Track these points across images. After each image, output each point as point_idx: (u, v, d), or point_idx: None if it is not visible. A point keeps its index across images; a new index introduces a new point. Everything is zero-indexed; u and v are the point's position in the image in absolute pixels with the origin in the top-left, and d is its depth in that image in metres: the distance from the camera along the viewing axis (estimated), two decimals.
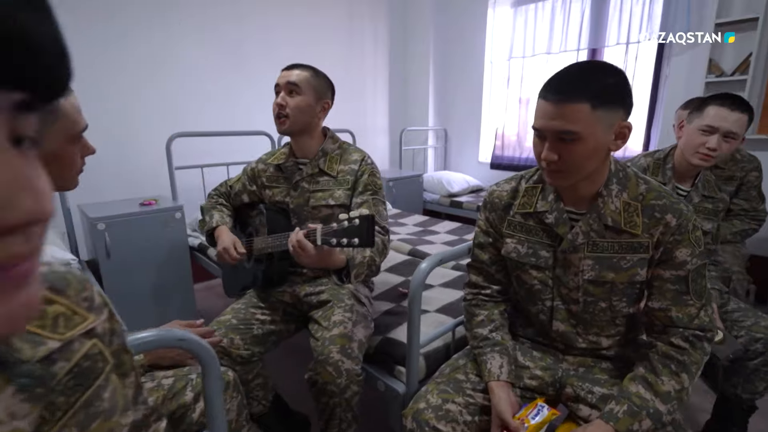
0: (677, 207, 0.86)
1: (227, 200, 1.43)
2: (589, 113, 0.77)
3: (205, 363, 0.66)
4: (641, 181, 0.90)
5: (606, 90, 0.78)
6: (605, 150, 0.83)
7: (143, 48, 2.41)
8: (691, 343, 0.86)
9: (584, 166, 0.83)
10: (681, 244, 0.85)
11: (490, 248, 1.03)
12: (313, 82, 1.24)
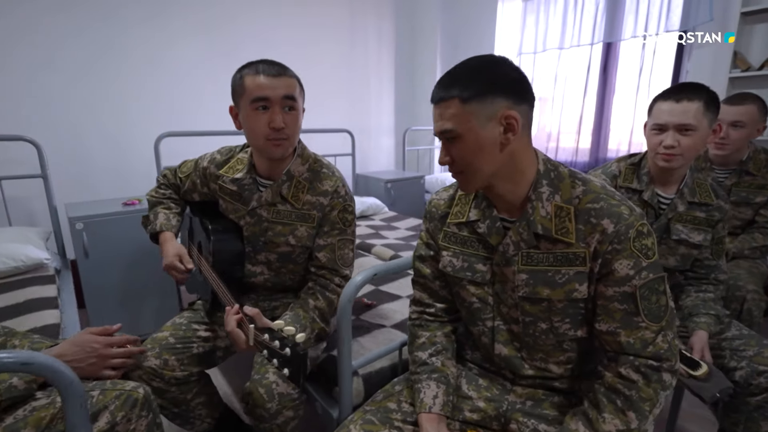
0: (616, 210, 0.73)
1: (177, 192, 1.29)
2: (460, 108, 0.71)
3: (61, 388, 0.60)
4: (578, 182, 0.78)
5: (473, 80, 0.70)
6: (495, 145, 0.73)
7: (137, 47, 2.41)
8: (644, 375, 0.73)
9: (477, 166, 0.74)
10: (620, 255, 0.72)
11: (431, 261, 0.93)
12: (301, 90, 1.07)
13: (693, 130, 1.11)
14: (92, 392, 0.83)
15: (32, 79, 2.15)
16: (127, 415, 0.83)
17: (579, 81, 3.06)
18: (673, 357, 0.74)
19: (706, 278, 1.28)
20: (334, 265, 1.10)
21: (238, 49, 2.79)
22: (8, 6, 2.05)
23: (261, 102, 0.99)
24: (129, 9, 2.36)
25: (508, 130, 0.73)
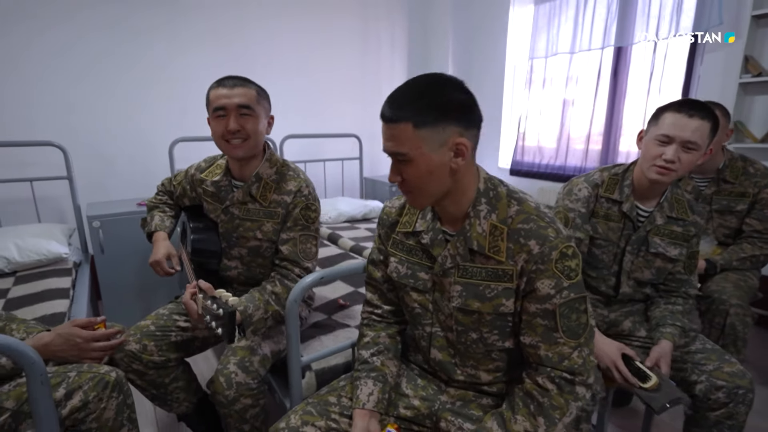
0: (543, 232, 0.77)
1: (171, 198, 1.43)
2: (413, 133, 0.73)
3: (24, 366, 0.71)
4: (514, 201, 0.82)
5: (429, 107, 0.73)
6: (445, 169, 0.77)
7: (152, 58, 2.59)
8: (558, 386, 0.77)
9: (426, 187, 0.78)
10: (543, 275, 0.76)
11: (382, 266, 0.99)
12: (260, 98, 1.18)
13: (696, 149, 1.10)
14: (69, 373, 0.94)
15: (61, 90, 2.36)
16: (98, 395, 0.95)
17: (590, 85, 3.01)
18: (585, 372, 0.77)
19: (677, 291, 1.27)
20: (295, 257, 1.19)
21: (249, 55, 2.92)
22: (45, 29, 2.26)
23: (220, 111, 1.13)
24: (143, 24, 2.53)
25: (458, 155, 0.76)
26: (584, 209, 1.25)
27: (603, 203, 1.26)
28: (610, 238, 1.26)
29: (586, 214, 1.26)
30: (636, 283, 1.29)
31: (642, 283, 1.29)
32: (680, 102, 1.13)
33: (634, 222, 1.23)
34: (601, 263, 1.29)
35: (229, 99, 1.12)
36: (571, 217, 1.25)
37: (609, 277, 1.30)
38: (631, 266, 1.26)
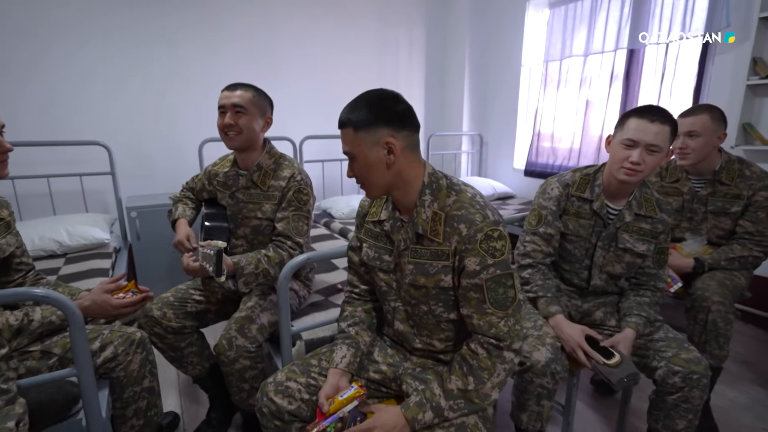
0: (471, 217, 0.90)
1: (193, 193, 1.64)
2: (354, 136, 0.91)
3: (67, 314, 0.91)
4: (453, 192, 0.96)
5: (365, 114, 0.89)
6: (380, 164, 0.92)
7: (186, 64, 2.85)
8: (487, 350, 0.90)
9: (370, 179, 0.94)
10: (470, 254, 0.89)
11: (358, 251, 1.14)
12: (255, 101, 1.38)
13: (659, 151, 1.19)
14: (104, 330, 1.16)
15: (104, 95, 2.65)
16: (126, 350, 1.16)
17: (603, 86, 3.04)
18: (509, 338, 0.90)
19: (646, 285, 1.35)
20: (288, 233, 1.38)
21: (273, 60, 3.14)
22: (88, 42, 2.56)
23: (221, 108, 1.37)
24: (176, 35, 2.79)
25: (390, 152, 0.92)
26: (555, 207, 1.36)
27: (574, 202, 1.36)
28: (581, 234, 1.35)
29: (556, 211, 1.36)
30: (608, 276, 1.38)
31: (614, 276, 1.38)
32: (642, 108, 1.22)
33: (605, 219, 1.32)
34: (574, 257, 1.39)
35: (227, 99, 1.36)
36: (544, 214, 1.36)
37: (581, 270, 1.39)
38: (603, 261, 1.35)
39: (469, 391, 0.89)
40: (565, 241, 1.38)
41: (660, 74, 2.71)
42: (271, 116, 1.47)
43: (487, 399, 0.91)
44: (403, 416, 0.90)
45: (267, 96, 1.45)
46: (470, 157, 4.10)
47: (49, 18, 2.43)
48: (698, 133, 1.61)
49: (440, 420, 0.90)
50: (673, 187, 1.82)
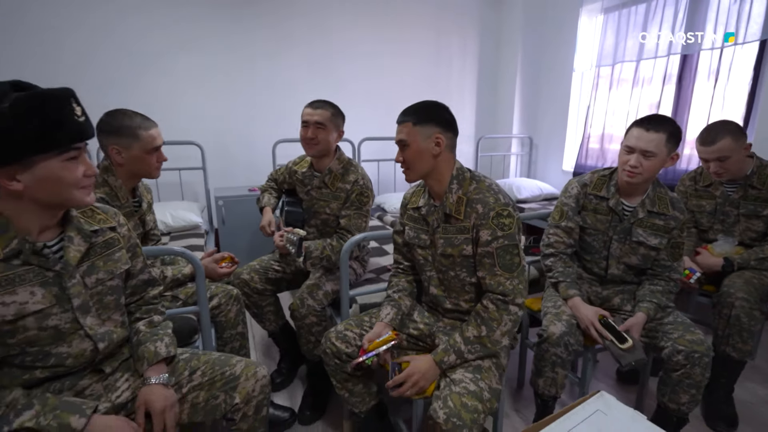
0: (486, 199, 1.17)
1: (276, 184, 2.00)
2: (411, 128, 1.19)
3: (196, 267, 1.28)
4: (474, 181, 1.23)
5: (422, 114, 1.18)
6: (428, 153, 1.19)
7: (261, 73, 3.29)
8: (495, 305, 1.16)
9: (417, 165, 1.21)
10: (484, 227, 1.16)
11: (402, 234, 1.42)
12: (332, 118, 1.68)
13: (654, 156, 1.37)
14: (211, 286, 1.54)
15: (199, 102, 3.15)
16: (226, 302, 1.53)
17: (655, 90, 3.07)
18: (513, 294, 1.15)
19: (660, 275, 1.51)
20: (349, 228, 1.69)
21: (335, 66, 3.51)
22: (185, 56, 3.07)
23: (304, 123, 1.69)
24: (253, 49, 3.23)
25: (437, 145, 1.20)
26: (574, 204, 1.55)
27: (591, 199, 1.55)
28: (598, 228, 1.54)
29: (575, 207, 1.56)
30: (626, 267, 1.55)
31: (631, 266, 1.54)
32: (644, 118, 1.40)
33: (620, 215, 1.50)
34: (593, 249, 1.57)
35: (310, 116, 1.66)
36: (565, 210, 1.56)
37: (600, 261, 1.57)
38: (619, 252, 1.53)
39: (482, 338, 1.15)
40: (585, 234, 1.57)
41: (714, 78, 2.71)
42: (343, 129, 1.77)
43: (498, 344, 1.17)
44: (432, 360, 1.17)
45: (341, 112, 1.75)
46: (519, 159, 4.23)
47: (152, 36, 2.94)
48: (727, 155, 1.69)
49: (461, 361, 1.16)
50: (707, 191, 1.91)
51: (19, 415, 0.82)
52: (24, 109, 0.77)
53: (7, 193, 0.82)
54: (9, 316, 0.83)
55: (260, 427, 1.15)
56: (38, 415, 0.83)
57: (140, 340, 1.07)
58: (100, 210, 1.04)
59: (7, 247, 0.82)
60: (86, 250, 0.95)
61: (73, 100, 0.84)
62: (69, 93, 0.84)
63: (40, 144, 0.80)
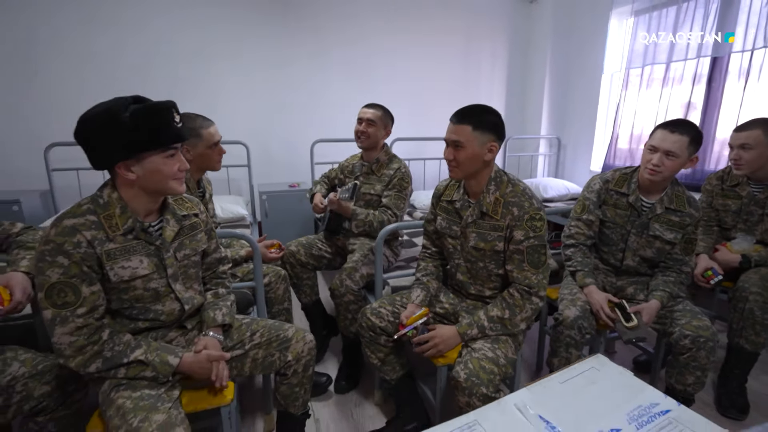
0: (521, 203, 1.31)
1: (328, 180, 2.29)
2: (470, 132, 1.30)
3: (254, 249, 1.51)
4: (511, 185, 1.37)
5: (482, 121, 1.30)
6: (481, 158, 1.32)
7: (301, 77, 3.54)
8: (521, 294, 1.31)
9: (467, 166, 1.34)
10: (518, 228, 1.30)
11: (432, 223, 1.60)
12: (382, 117, 2.01)
13: (676, 157, 1.50)
14: (264, 267, 1.77)
15: (245, 104, 3.43)
16: (276, 280, 1.76)
17: (684, 92, 3.10)
18: (537, 287, 1.31)
19: (673, 268, 1.62)
20: (390, 205, 1.95)
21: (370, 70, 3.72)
22: (237, 62, 3.35)
23: (359, 120, 2.01)
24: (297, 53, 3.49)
25: (490, 152, 1.34)
26: (596, 198, 1.68)
27: (612, 195, 1.67)
28: (617, 222, 1.66)
29: (597, 202, 1.69)
30: (641, 259, 1.66)
31: (645, 259, 1.66)
32: (669, 121, 1.51)
33: (639, 210, 1.62)
34: (611, 241, 1.70)
35: (364, 114, 2.00)
36: (587, 204, 1.70)
37: (617, 252, 1.70)
38: (636, 245, 1.64)
39: (504, 319, 1.32)
40: (604, 227, 1.70)
41: (744, 80, 2.73)
42: (391, 129, 2.07)
43: (516, 327, 1.33)
44: (456, 331, 1.35)
45: (390, 114, 2.06)
46: (547, 159, 4.30)
47: (206, 47, 3.24)
48: (751, 146, 1.78)
49: (482, 336, 1.33)
50: (733, 191, 1.98)
51: (133, 351, 1.06)
52: (139, 118, 1.00)
53: (123, 182, 1.06)
54: (126, 277, 1.07)
55: (307, 383, 1.36)
56: (146, 353, 1.07)
57: (205, 307, 1.30)
58: (187, 199, 1.27)
59: (125, 224, 1.07)
60: (178, 230, 1.19)
61: (173, 110, 1.07)
62: (171, 105, 1.07)
63: (149, 144, 1.03)
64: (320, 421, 1.71)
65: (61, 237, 0.99)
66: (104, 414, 1.03)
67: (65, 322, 0.99)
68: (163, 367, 1.08)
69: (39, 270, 0.98)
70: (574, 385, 0.91)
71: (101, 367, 1.03)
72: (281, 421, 1.40)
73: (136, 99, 1.05)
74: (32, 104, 2.89)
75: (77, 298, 1.00)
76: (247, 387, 1.92)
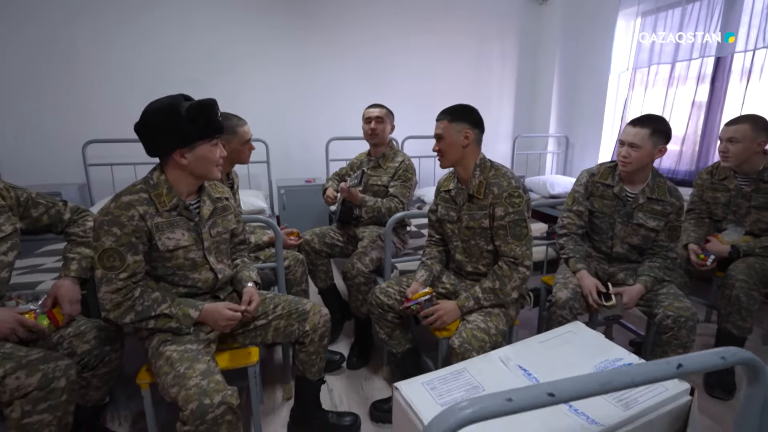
0: (501, 183, 1.48)
1: (339, 178, 2.46)
2: (448, 124, 1.51)
3: (276, 234, 1.69)
4: (493, 168, 1.54)
5: (456, 112, 1.51)
6: (459, 145, 1.51)
7: (316, 79, 3.73)
8: (508, 265, 1.48)
9: (449, 154, 1.54)
10: (498, 205, 1.47)
11: (435, 213, 1.76)
12: (387, 114, 2.21)
13: (639, 148, 1.64)
14: (284, 252, 1.95)
15: (264, 104, 3.64)
16: (294, 264, 1.94)
17: (688, 91, 3.19)
18: (522, 257, 1.46)
19: (659, 254, 1.74)
20: (397, 194, 2.11)
21: (383, 70, 3.89)
22: (260, 66, 3.55)
23: (367, 120, 2.20)
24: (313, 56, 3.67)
25: (466, 138, 1.52)
26: (583, 191, 1.82)
27: (599, 187, 1.81)
28: (605, 212, 1.79)
29: (585, 194, 1.82)
30: (629, 246, 1.79)
31: (634, 246, 1.79)
32: (636, 117, 1.66)
33: (623, 200, 1.75)
34: (601, 230, 1.83)
35: (372, 114, 2.19)
36: (576, 196, 1.83)
37: (606, 240, 1.83)
38: (623, 233, 1.78)
39: (496, 290, 1.47)
40: (593, 217, 1.83)
41: (746, 79, 2.81)
42: (394, 124, 2.26)
43: (508, 296, 1.48)
44: (456, 305, 1.51)
45: (392, 111, 2.25)
46: (555, 157, 4.41)
47: (227, 49, 3.45)
48: (738, 139, 1.90)
49: (478, 306, 1.49)
50: (722, 184, 2.09)
51: (159, 306, 1.24)
52: (194, 112, 1.19)
53: (175, 166, 1.25)
54: (170, 247, 1.26)
55: (322, 351, 1.53)
56: (170, 306, 1.25)
57: (239, 270, 1.51)
58: (219, 185, 1.46)
59: (171, 202, 1.26)
60: (212, 210, 1.38)
61: (216, 107, 1.26)
62: (214, 102, 1.25)
63: (201, 134, 1.22)
64: (334, 392, 1.88)
65: (119, 210, 1.18)
66: (153, 365, 1.22)
67: (110, 282, 1.18)
68: (185, 319, 1.26)
69: (96, 236, 1.18)
70: (551, 344, 1.06)
71: (134, 318, 1.22)
72: (299, 386, 1.58)
73: (185, 97, 1.23)
74: (72, 104, 3.14)
75: (122, 264, 1.19)
76: (267, 361, 2.10)
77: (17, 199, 1.34)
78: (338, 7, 3.67)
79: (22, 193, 1.36)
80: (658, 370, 0.65)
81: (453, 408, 0.54)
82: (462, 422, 0.54)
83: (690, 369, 0.66)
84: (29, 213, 1.37)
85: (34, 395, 1.07)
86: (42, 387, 1.08)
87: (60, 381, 1.11)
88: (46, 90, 3.06)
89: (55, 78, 3.06)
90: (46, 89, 3.06)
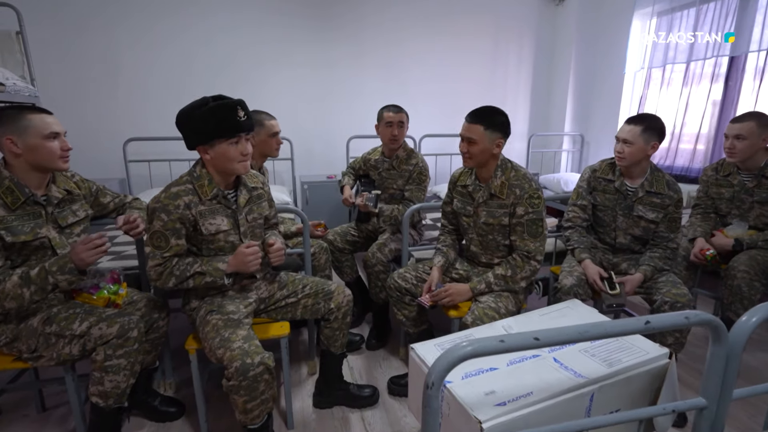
0: (522, 185, 1.61)
1: (353, 170, 2.59)
2: (482, 131, 1.61)
3: (304, 223, 1.87)
4: (514, 170, 1.67)
5: (493, 122, 1.61)
6: (490, 152, 1.63)
7: (338, 79, 3.91)
8: (521, 258, 1.61)
9: (478, 158, 1.65)
10: (519, 205, 1.60)
11: (449, 205, 1.91)
12: (407, 118, 2.28)
13: (631, 144, 1.76)
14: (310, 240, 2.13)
15: (291, 103, 3.83)
16: (319, 252, 2.11)
17: (702, 90, 3.24)
18: (535, 252, 1.60)
19: (659, 245, 1.85)
20: (412, 198, 2.22)
21: (401, 70, 4.04)
22: (285, 68, 3.75)
23: (389, 123, 2.22)
24: (334, 57, 3.85)
25: (497, 147, 1.64)
26: (586, 185, 1.95)
27: (601, 181, 1.92)
28: (607, 205, 1.91)
29: (587, 189, 1.95)
30: (632, 237, 1.90)
31: (636, 237, 1.90)
32: (631, 116, 1.77)
33: (624, 194, 1.86)
34: (604, 222, 1.95)
35: (395, 118, 2.20)
36: (580, 191, 1.96)
37: (610, 232, 1.94)
38: (624, 225, 1.89)
39: (507, 277, 1.61)
40: (597, 210, 1.95)
41: (759, 79, 2.86)
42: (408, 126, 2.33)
43: (517, 285, 1.62)
44: (468, 287, 1.66)
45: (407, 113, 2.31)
46: (570, 155, 4.48)
47: (260, 47, 3.66)
48: (744, 137, 1.98)
49: (488, 290, 1.63)
50: (726, 180, 2.17)
51: (192, 267, 1.42)
52: (207, 114, 1.35)
53: (205, 160, 1.42)
54: (212, 231, 1.44)
55: (345, 328, 1.70)
56: (201, 265, 1.42)
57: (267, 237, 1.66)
58: (254, 175, 1.64)
59: (212, 192, 1.44)
60: (248, 198, 1.56)
61: (239, 107, 1.40)
62: (237, 102, 1.40)
63: (215, 133, 1.37)
64: (354, 369, 2.05)
65: (167, 199, 1.37)
66: (200, 331, 1.41)
67: (154, 258, 1.38)
68: (216, 272, 1.43)
69: (149, 219, 1.38)
70: (550, 317, 1.21)
71: (175, 282, 1.39)
72: (324, 359, 1.75)
73: (215, 98, 1.40)
74: (114, 104, 3.40)
75: (166, 245, 1.38)
76: (292, 342, 2.29)
77: (89, 189, 1.56)
78: (360, 10, 3.84)
79: (92, 185, 1.59)
80: (628, 324, 0.79)
81: (456, 347, 0.69)
82: (463, 357, 0.70)
83: (657, 326, 0.80)
84: (99, 201, 1.60)
85: (114, 342, 1.31)
86: (120, 335, 1.32)
87: (133, 332, 1.35)
88: (90, 92, 3.33)
89: (98, 82, 3.33)
90: (90, 92, 3.33)
